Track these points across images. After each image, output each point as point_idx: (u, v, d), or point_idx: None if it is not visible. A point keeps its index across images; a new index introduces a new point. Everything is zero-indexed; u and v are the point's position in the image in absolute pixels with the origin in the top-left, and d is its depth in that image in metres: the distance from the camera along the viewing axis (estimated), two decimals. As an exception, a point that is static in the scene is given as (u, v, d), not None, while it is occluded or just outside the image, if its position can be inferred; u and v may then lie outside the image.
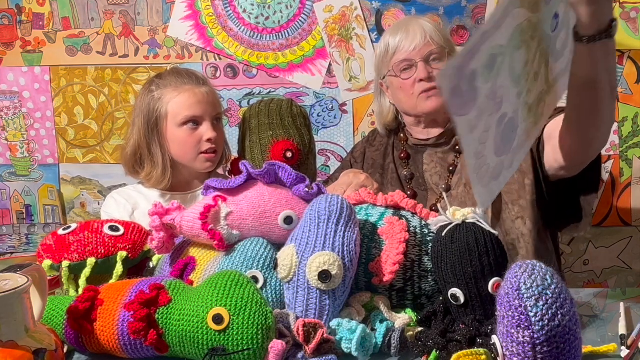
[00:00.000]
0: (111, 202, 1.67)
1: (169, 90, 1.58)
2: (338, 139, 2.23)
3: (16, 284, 0.83)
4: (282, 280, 0.99)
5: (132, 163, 1.62)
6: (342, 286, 0.96)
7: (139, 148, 1.60)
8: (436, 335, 0.92)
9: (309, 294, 0.96)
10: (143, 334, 0.89)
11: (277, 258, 1.00)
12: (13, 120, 2.31)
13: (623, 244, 2.18)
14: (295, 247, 0.98)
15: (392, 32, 1.62)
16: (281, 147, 1.50)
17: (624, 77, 2.12)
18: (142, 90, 1.65)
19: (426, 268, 1.05)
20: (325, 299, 0.96)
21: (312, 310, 0.96)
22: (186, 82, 1.60)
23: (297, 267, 0.96)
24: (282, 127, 1.53)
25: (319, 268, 0.94)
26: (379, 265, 1.03)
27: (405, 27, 1.59)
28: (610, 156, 2.16)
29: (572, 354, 0.74)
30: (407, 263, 1.04)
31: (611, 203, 2.18)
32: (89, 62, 2.26)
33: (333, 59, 2.20)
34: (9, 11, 2.26)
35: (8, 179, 2.34)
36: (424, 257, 1.05)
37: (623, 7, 2.08)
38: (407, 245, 1.03)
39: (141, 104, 1.61)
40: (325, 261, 0.94)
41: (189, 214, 1.06)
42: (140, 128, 1.59)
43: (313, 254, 0.95)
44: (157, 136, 1.58)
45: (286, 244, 1.01)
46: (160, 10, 2.23)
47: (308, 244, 0.97)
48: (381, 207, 1.13)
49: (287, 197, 1.09)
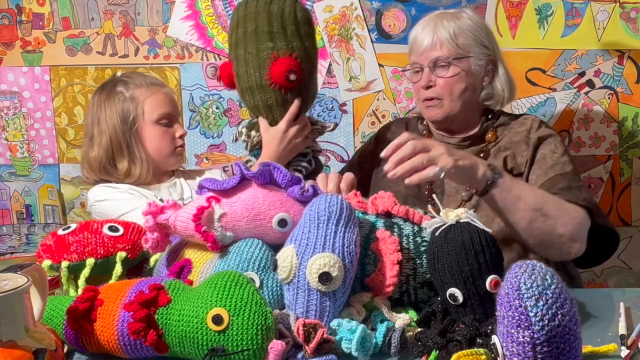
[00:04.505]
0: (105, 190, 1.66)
1: (142, 91, 1.67)
2: (338, 139, 2.23)
3: (16, 284, 0.83)
4: (282, 281, 0.99)
5: (104, 164, 1.67)
6: (343, 287, 0.96)
7: (112, 148, 1.65)
8: (435, 335, 0.92)
9: (310, 295, 0.95)
10: (143, 334, 0.89)
11: (277, 259, 0.99)
12: (13, 120, 2.31)
13: (623, 244, 2.18)
14: (295, 248, 0.97)
15: (414, 28, 1.59)
16: (284, 67, 1.38)
17: (624, 77, 2.12)
18: (104, 93, 1.69)
19: (421, 280, 1.05)
20: (326, 300, 0.95)
21: (313, 312, 0.95)
22: (153, 82, 1.72)
23: (297, 268, 0.96)
24: (284, 38, 1.41)
25: (319, 270, 0.93)
26: (374, 282, 1.02)
27: (423, 27, 1.55)
28: (610, 156, 2.16)
29: (572, 354, 0.74)
30: (402, 278, 1.04)
31: (611, 203, 2.18)
32: (89, 62, 2.26)
33: (333, 59, 2.20)
34: (9, 11, 2.26)
35: (8, 179, 2.34)
36: (419, 269, 1.05)
37: (623, 7, 2.08)
38: (401, 262, 1.02)
39: (109, 105, 1.66)
40: (325, 263, 0.94)
41: (182, 214, 1.05)
42: (116, 127, 1.64)
43: (313, 255, 0.95)
44: (135, 134, 1.65)
45: (285, 245, 1.00)
46: (160, 10, 2.23)
47: (308, 245, 0.96)
48: (372, 216, 1.10)
49: (281, 199, 1.08)
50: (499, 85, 1.55)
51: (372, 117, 2.20)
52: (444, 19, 1.53)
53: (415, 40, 1.56)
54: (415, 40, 1.55)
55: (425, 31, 1.53)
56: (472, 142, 1.56)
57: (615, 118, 2.14)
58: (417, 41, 1.55)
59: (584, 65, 2.12)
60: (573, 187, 1.40)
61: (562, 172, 1.42)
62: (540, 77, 2.13)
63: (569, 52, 2.11)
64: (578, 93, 2.13)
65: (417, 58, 1.55)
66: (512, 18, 2.12)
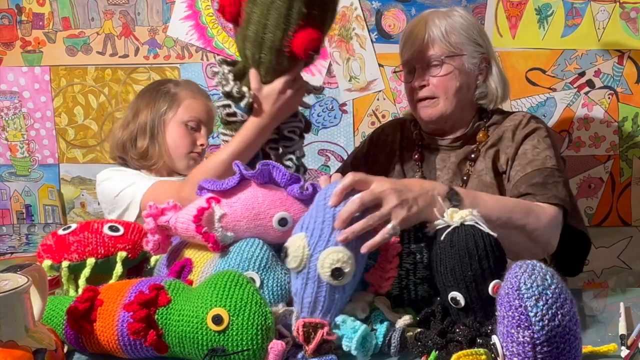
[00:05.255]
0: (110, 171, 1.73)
1: (186, 93, 1.76)
2: (338, 139, 2.23)
3: (16, 284, 0.83)
4: (291, 270, 0.98)
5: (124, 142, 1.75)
6: (353, 280, 0.96)
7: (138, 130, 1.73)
8: (435, 336, 0.91)
9: (319, 287, 0.94)
10: (143, 334, 0.89)
11: (287, 247, 0.97)
12: (13, 120, 2.31)
13: (623, 244, 2.18)
14: (307, 238, 0.95)
15: (406, 28, 1.58)
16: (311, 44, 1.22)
17: (624, 77, 2.11)
18: (152, 87, 1.82)
19: (422, 275, 1.04)
20: (335, 292, 0.95)
21: (321, 303, 0.94)
22: (201, 92, 1.83)
23: (308, 259, 0.94)
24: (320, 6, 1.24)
25: (332, 265, 0.93)
26: (374, 276, 1.02)
27: (416, 24, 1.53)
28: (610, 156, 2.16)
29: (572, 354, 0.74)
30: (402, 272, 1.04)
31: (611, 203, 2.18)
32: (89, 62, 2.26)
33: (333, 59, 2.20)
34: (9, 11, 2.26)
35: (8, 179, 2.34)
36: (419, 264, 1.04)
37: (623, 7, 2.08)
38: (401, 255, 1.02)
39: (152, 96, 1.76)
40: (339, 259, 0.93)
41: (183, 215, 1.05)
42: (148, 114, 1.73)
43: (326, 248, 0.94)
44: (162, 123, 1.73)
45: (295, 231, 0.98)
46: (160, 10, 2.23)
47: (321, 237, 0.94)
48: None
49: (281, 198, 1.08)
50: (493, 84, 1.53)
51: (372, 117, 2.20)
52: (435, 17, 1.51)
53: (407, 40, 1.54)
54: (407, 40, 1.54)
55: (416, 30, 1.52)
56: (464, 142, 1.54)
57: (615, 118, 2.14)
58: (409, 41, 1.53)
59: (584, 65, 2.12)
60: (549, 184, 1.36)
61: (541, 167, 1.39)
62: (540, 77, 2.13)
63: (569, 52, 2.11)
64: (578, 93, 2.13)
65: (410, 58, 1.53)
66: (512, 18, 2.12)
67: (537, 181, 1.37)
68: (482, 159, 1.50)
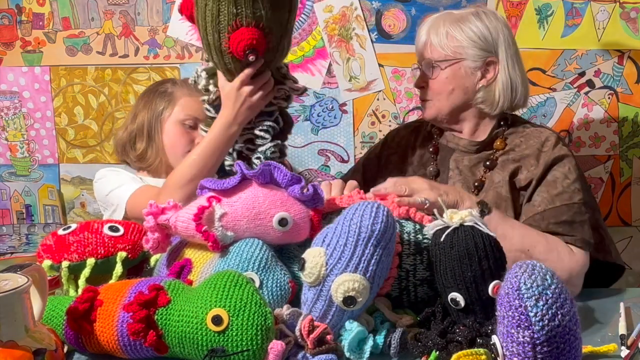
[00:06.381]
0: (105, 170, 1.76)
1: (183, 91, 1.76)
2: (338, 139, 2.22)
3: (16, 284, 0.83)
4: (305, 283, 0.97)
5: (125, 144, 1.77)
6: (363, 306, 0.95)
7: (136, 132, 1.75)
8: (435, 336, 0.91)
9: (329, 306, 0.94)
10: (142, 335, 0.89)
11: (305, 260, 0.95)
12: (13, 120, 2.31)
13: (623, 244, 2.18)
14: (326, 257, 0.93)
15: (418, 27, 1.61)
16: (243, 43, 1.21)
17: (624, 77, 2.11)
18: (151, 88, 1.83)
19: (421, 277, 1.04)
20: (344, 314, 0.95)
21: (329, 319, 0.95)
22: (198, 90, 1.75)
23: (324, 278, 0.93)
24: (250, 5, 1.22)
25: (345, 293, 0.91)
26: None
27: (422, 27, 1.57)
28: (610, 156, 2.16)
29: (572, 354, 0.74)
30: (402, 273, 1.03)
31: (611, 203, 2.18)
32: (89, 62, 2.26)
33: (333, 59, 2.20)
34: (9, 11, 2.26)
35: (8, 179, 2.34)
36: (419, 266, 1.04)
37: (623, 7, 2.08)
38: (401, 255, 1.02)
39: (150, 97, 1.77)
40: (354, 287, 0.91)
41: (183, 214, 1.05)
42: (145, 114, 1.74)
43: (344, 272, 0.92)
44: (159, 124, 1.74)
45: (315, 243, 0.97)
46: (160, 10, 2.23)
47: (341, 259, 0.92)
48: None
49: (281, 198, 1.08)
50: (497, 90, 1.50)
51: (372, 117, 2.20)
52: (443, 20, 1.52)
53: (416, 40, 1.59)
54: (417, 40, 1.59)
55: (421, 32, 1.56)
56: (480, 148, 1.53)
57: (615, 118, 2.14)
58: (416, 41, 1.59)
59: (584, 65, 2.12)
60: (576, 222, 1.36)
61: (569, 202, 1.38)
62: (540, 77, 2.13)
63: (569, 52, 2.11)
64: (578, 93, 2.13)
65: (417, 58, 1.59)
66: (512, 18, 2.12)
67: (566, 219, 1.37)
68: (499, 171, 1.48)
